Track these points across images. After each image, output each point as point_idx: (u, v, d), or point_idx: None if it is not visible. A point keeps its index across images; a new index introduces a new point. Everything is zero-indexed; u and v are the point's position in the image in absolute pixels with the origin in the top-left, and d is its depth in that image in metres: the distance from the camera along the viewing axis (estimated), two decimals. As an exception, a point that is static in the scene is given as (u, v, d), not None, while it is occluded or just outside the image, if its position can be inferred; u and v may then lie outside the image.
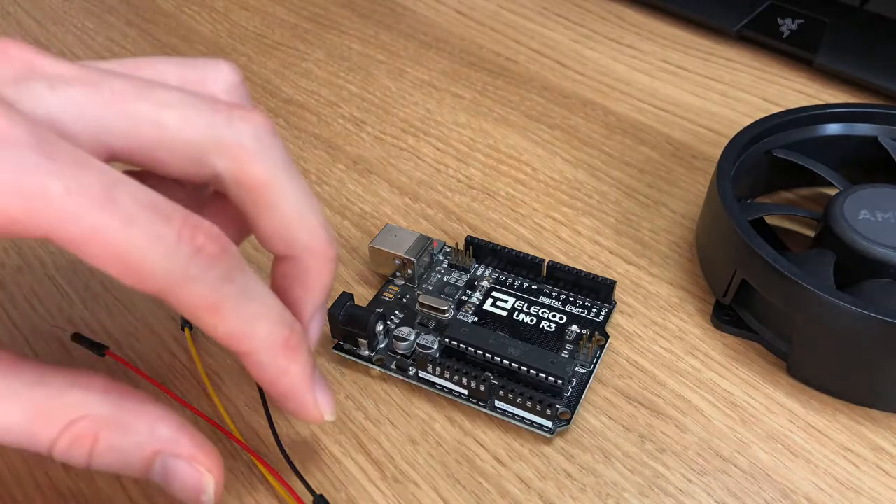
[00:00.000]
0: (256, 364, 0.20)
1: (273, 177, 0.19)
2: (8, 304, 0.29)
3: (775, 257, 0.25)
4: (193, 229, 0.18)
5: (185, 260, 0.17)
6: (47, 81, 0.18)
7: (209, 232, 0.18)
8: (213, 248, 0.18)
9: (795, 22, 0.42)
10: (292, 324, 0.20)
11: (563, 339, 0.27)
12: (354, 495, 0.23)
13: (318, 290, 0.21)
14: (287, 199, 0.20)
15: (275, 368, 0.20)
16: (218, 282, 0.18)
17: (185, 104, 0.19)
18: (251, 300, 0.19)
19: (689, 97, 0.40)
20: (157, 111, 0.18)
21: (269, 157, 0.19)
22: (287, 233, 0.20)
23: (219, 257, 0.18)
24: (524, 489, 0.23)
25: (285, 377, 0.20)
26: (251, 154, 0.19)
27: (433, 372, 0.25)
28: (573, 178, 0.35)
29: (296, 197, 0.20)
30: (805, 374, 0.26)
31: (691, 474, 0.24)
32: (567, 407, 0.25)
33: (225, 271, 0.18)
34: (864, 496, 0.23)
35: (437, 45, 0.45)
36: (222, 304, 0.18)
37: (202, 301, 0.18)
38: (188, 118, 0.19)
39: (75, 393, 0.19)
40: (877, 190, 0.28)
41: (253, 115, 0.19)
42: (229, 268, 0.18)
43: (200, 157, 0.19)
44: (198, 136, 0.19)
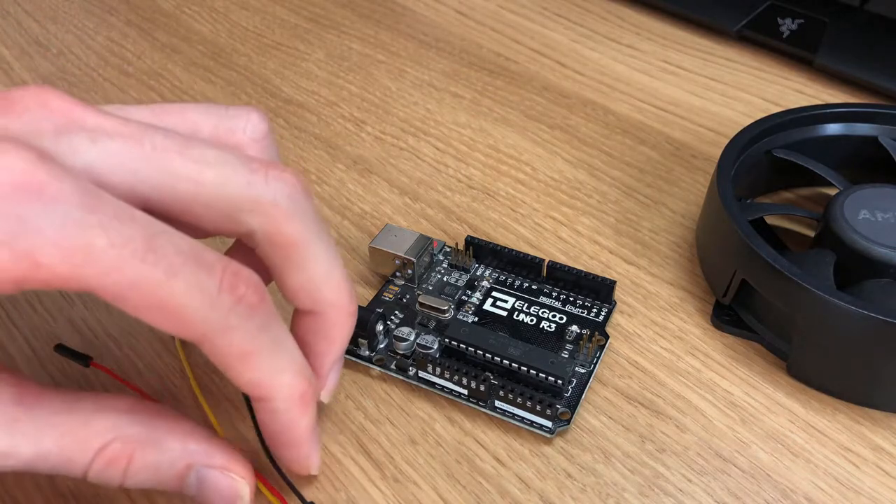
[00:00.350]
0: (270, 412, 0.20)
1: (305, 237, 0.20)
2: (8, 304, 0.29)
3: (775, 257, 0.25)
4: (234, 277, 0.18)
5: (226, 309, 0.18)
6: (88, 134, 0.18)
7: (249, 280, 0.18)
8: (253, 297, 0.18)
9: (795, 22, 0.42)
10: (311, 377, 0.21)
11: (563, 339, 0.27)
12: (354, 495, 0.23)
13: (338, 343, 0.22)
14: (316, 258, 0.20)
15: (287, 418, 0.20)
16: (255, 331, 0.18)
17: (222, 162, 0.19)
18: (281, 351, 0.19)
19: (689, 97, 0.40)
20: (197, 168, 0.19)
21: (303, 218, 0.20)
22: (314, 290, 0.21)
23: (258, 307, 0.18)
24: (524, 489, 0.23)
25: (294, 429, 0.20)
26: (286, 214, 0.19)
27: (433, 372, 0.25)
28: (573, 178, 0.35)
29: (323, 256, 0.20)
30: (805, 374, 0.26)
31: (691, 474, 0.24)
32: (567, 407, 0.25)
33: (262, 321, 0.19)
34: (864, 496, 0.23)
35: (437, 45, 0.45)
36: (255, 354, 0.19)
37: (237, 349, 0.18)
38: (226, 176, 0.19)
39: (104, 417, 0.19)
40: (877, 190, 0.28)
41: (287, 175, 0.20)
42: (266, 318, 0.19)
43: (235, 215, 0.19)
44: (235, 195, 0.19)
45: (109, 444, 0.19)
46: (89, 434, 0.19)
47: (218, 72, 0.43)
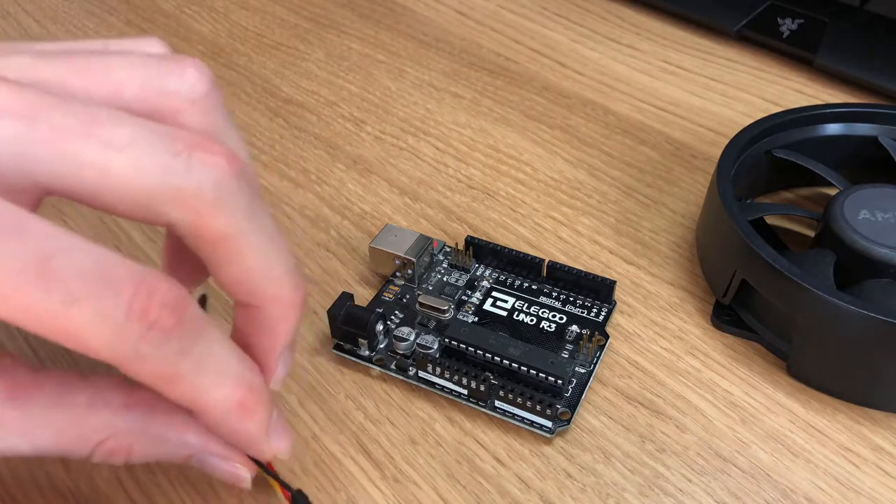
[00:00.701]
0: (207, 423, 0.19)
1: (235, 229, 0.17)
2: (8, 304, 0.29)
3: (775, 257, 0.25)
4: (147, 299, 0.15)
5: (134, 339, 0.15)
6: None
7: (164, 300, 0.16)
8: (168, 320, 0.16)
9: (795, 22, 0.42)
10: (251, 383, 0.19)
11: (563, 339, 0.27)
12: (354, 495, 0.23)
13: (282, 337, 0.20)
14: (250, 251, 0.18)
15: (227, 428, 0.19)
16: (172, 357, 0.16)
17: (136, 145, 0.16)
18: (207, 369, 0.17)
19: (689, 97, 0.40)
20: (103, 154, 0.16)
21: (231, 208, 0.17)
22: (250, 284, 0.19)
23: (173, 331, 0.16)
24: (524, 489, 0.23)
25: (238, 435, 0.19)
26: (211, 205, 0.17)
27: (433, 372, 0.25)
28: (573, 178, 0.35)
29: (260, 248, 0.18)
30: (805, 374, 0.26)
31: (691, 474, 0.24)
32: (567, 407, 0.25)
33: (181, 345, 0.16)
34: (864, 496, 0.23)
35: (437, 45, 0.45)
36: (176, 377, 0.17)
37: (154, 377, 0.17)
38: (139, 163, 0.16)
39: (98, 414, 0.18)
40: (877, 190, 0.28)
41: (216, 157, 0.17)
42: (186, 339, 0.16)
43: (152, 206, 0.16)
44: (150, 184, 0.16)
45: (106, 440, 0.18)
46: (85, 430, 0.18)
47: (218, 72, 0.43)
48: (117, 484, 0.23)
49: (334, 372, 0.27)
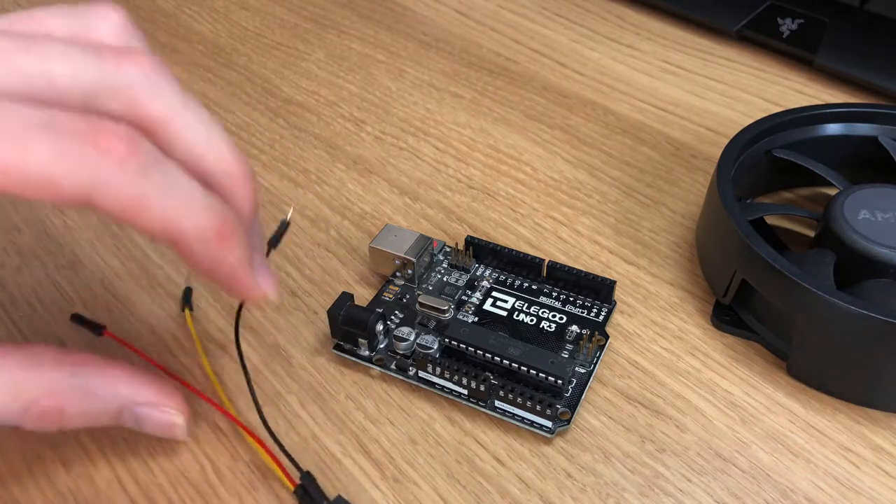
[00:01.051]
0: (190, 254, 0.19)
1: (171, 111, 0.19)
2: (8, 304, 0.29)
3: (775, 257, 0.25)
4: (97, 134, 0.17)
5: (92, 166, 0.17)
6: None
7: (115, 132, 0.18)
8: (121, 148, 0.18)
9: (795, 22, 0.42)
10: (224, 213, 0.20)
11: (563, 339, 0.27)
12: (354, 495, 0.23)
13: (246, 210, 0.21)
14: (189, 129, 0.20)
15: (209, 257, 0.19)
16: (133, 180, 0.18)
17: (69, 55, 0.18)
18: (174, 192, 0.19)
19: (689, 97, 0.40)
20: (42, 64, 0.18)
21: (161, 94, 0.19)
22: (197, 162, 0.20)
23: (129, 157, 0.18)
24: (524, 489, 0.23)
25: (222, 266, 0.20)
26: (142, 94, 0.19)
27: (433, 372, 0.25)
28: (573, 178, 0.35)
29: (197, 126, 0.20)
30: (805, 374, 0.26)
31: (691, 474, 0.24)
32: (567, 407, 0.25)
33: (140, 167, 0.18)
34: (864, 496, 0.23)
35: (437, 45, 0.45)
36: (143, 201, 0.18)
37: (121, 202, 0.18)
38: (74, 68, 0.18)
39: (31, 372, 0.20)
40: (877, 190, 0.28)
41: (139, 57, 0.19)
42: (143, 164, 0.18)
43: (95, 104, 0.19)
44: (87, 84, 0.19)
45: (39, 400, 0.20)
46: (18, 390, 0.19)
47: (218, 72, 0.43)
48: (117, 484, 0.23)
49: (334, 372, 0.27)
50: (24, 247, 0.32)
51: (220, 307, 0.29)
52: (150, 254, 0.31)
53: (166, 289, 0.30)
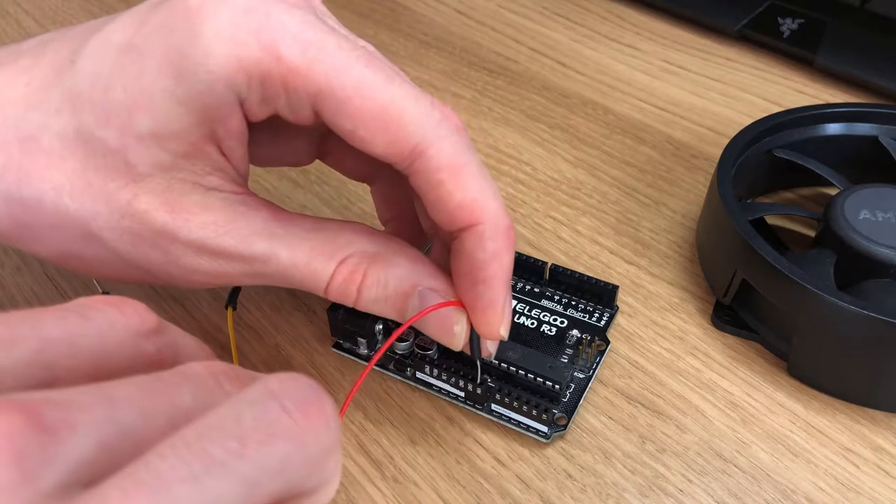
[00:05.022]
0: (478, 237, 0.20)
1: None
2: (8, 305, 0.29)
3: (776, 257, 0.25)
4: (440, 102, 0.20)
5: (437, 120, 0.20)
6: None
7: (451, 110, 0.21)
8: (457, 120, 0.21)
9: (796, 21, 0.42)
10: (509, 221, 0.21)
11: (563, 343, 0.27)
12: (354, 495, 0.23)
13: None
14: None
15: (493, 249, 0.21)
16: (463, 146, 0.20)
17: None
18: (485, 176, 0.21)
19: (689, 97, 0.40)
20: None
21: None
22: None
23: (463, 129, 0.21)
24: (524, 489, 0.23)
25: (497, 261, 0.21)
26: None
27: (430, 373, 0.25)
28: (573, 177, 0.35)
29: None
30: (805, 374, 0.26)
31: (692, 474, 0.24)
32: (564, 412, 0.25)
33: (468, 142, 0.21)
34: (864, 496, 0.23)
35: (437, 45, 0.45)
36: (466, 168, 0.20)
37: (449, 160, 0.20)
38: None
39: (345, 234, 0.22)
40: (877, 190, 0.28)
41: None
42: (469, 141, 0.21)
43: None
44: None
45: (349, 258, 0.21)
46: (333, 248, 0.21)
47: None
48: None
49: (334, 372, 0.27)
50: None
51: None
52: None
53: (166, 289, 0.30)
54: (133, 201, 0.21)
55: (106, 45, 0.20)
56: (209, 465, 0.12)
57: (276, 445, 0.13)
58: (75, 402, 0.13)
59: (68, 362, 0.14)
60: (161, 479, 0.12)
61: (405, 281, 0.21)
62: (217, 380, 0.15)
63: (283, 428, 0.14)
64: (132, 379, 0.14)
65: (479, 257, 0.21)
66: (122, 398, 0.13)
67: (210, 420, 0.13)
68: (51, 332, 0.14)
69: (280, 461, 0.13)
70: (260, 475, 0.13)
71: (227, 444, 0.13)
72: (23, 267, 0.31)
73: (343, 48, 0.19)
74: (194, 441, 0.13)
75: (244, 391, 0.14)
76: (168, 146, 0.20)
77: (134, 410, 0.13)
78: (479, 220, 0.20)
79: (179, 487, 0.12)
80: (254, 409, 0.14)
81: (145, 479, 0.12)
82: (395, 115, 0.19)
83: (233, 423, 0.13)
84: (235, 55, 0.19)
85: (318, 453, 0.14)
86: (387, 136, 0.19)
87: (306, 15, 0.19)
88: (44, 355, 0.14)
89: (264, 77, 0.19)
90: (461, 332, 0.22)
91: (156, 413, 0.14)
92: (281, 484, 0.14)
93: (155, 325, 0.16)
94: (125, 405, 0.13)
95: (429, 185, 0.20)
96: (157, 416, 0.13)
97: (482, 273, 0.21)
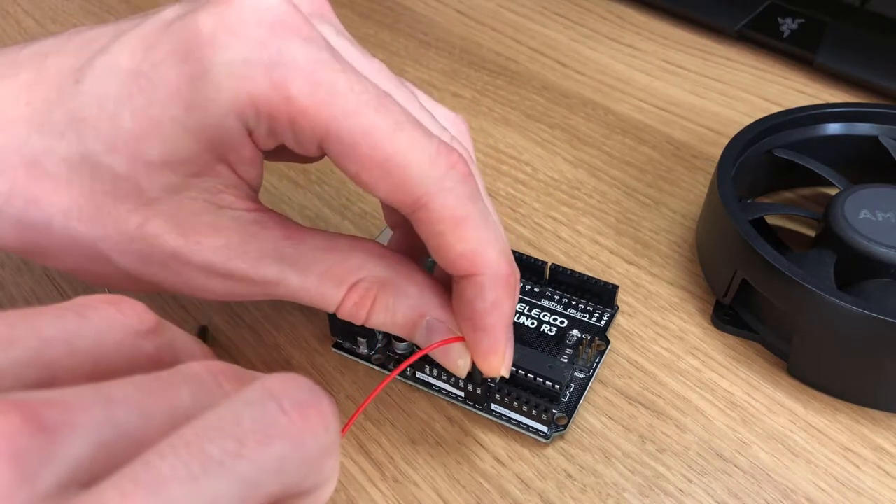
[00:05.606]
0: (478, 287, 0.20)
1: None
2: (8, 305, 0.29)
3: (776, 257, 0.25)
4: (448, 147, 0.20)
5: (442, 170, 0.19)
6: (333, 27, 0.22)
7: (459, 153, 0.20)
8: (463, 168, 0.20)
9: (796, 21, 0.42)
10: (515, 266, 0.21)
11: (563, 343, 0.27)
12: (354, 495, 0.23)
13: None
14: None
15: (493, 297, 0.21)
16: (467, 197, 0.20)
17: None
18: (489, 224, 0.20)
19: (689, 97, 0.40)
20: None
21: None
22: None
23: (469, 177, 0.20)
24: (524, 489, 0.23)
25: (497, 310, 0.21)
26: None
27: (431, 373, 0.25)
28: (573, 177, 0.35)
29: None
30: (805, 374, 0.26)
31: (692, 474, 0.24)
32: (564, 412, 0.25)
33: (473, 191, 0.20)
34: (864, 496, 0.23)
35: (437, 45, 0.45)
36: (468, 220, 0.20)
37: (451, 213, 0.20)
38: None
39: (357, 256, 0.21)
40: (877, 190, 0.28)
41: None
42: (475, 189, 0.20)
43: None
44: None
45: (359, 283, 0.21)
46: (344, 271, 0.21)
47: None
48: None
49: (334, 373, 0.27)
50: (23, 247, 0.31)
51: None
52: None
53: (166, 289, 0.30)
54: (144, 225, 0.20)
55: (113, 68, 0.20)
56: (207, 465, 0.12)
57: (275, 446, 0.13)
58: (74, 402, 0.13)
59: (67, 362, 0.14)
60: (159, 479, 0.12)
61: (414, 310, 0.22)
62: (216, 379, 0.15)
63: (282, 428, 0.14)
64: (131, 379, 0.14)
65: (480, 307, 0.21)
66: (120, 398, 0.13)
67: (208, 420, 0.13)
68: (49, 331, 0.14)
69: (278, 461, 0.13)
70: (258, 475, 0.13)
71: (225, 445, 0.13)
72: (23, 267, 0.31)
73: (354, 91, 0.19)
74: (193, 441, 0.13)
75: (243, 391, 0.14)
76: (178, 171, 0.20)
77: (132, 410, 0.13)
78: (479, 271, 0.20)
79: (177, 488, 0.12)
80: (252, 409, 0.14)
81: (143, 479, 0.12)
82: (400, 166, 0.19)
83: (231, 423, 0.13)
84: (246, 90, 0.18)
85: (316, 454, 0.14)
86: (390, 185, 0.19)
87: (320, 52, 0.19)
88: (42, 355, 0.14)
89: (273, 114, 0.19)
90: (465, 365, 0.22)
91: (154, 413, 0.14)
92: (279, 484, 0.14)
93: (153, 324, 0.16)
94: (124, 405, 0.13)
95: (430, 234, 0.20)
96: (156, 415, 0.13)
97: (482, 322, 0.21)
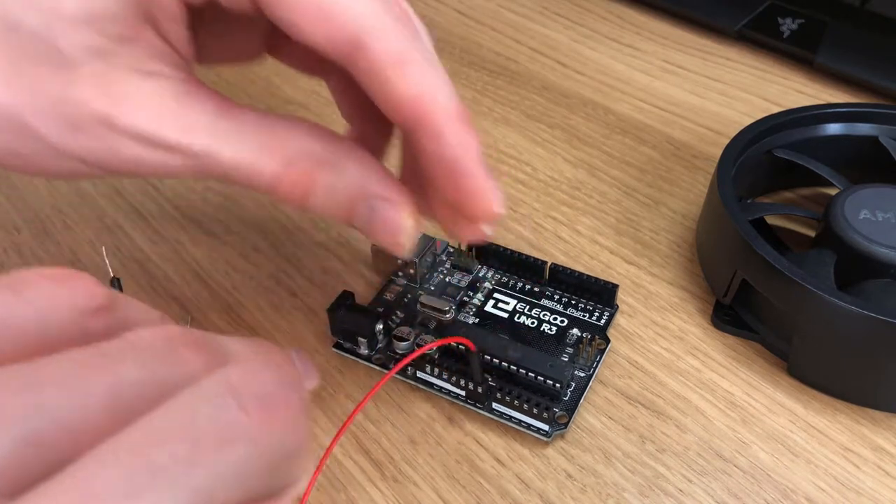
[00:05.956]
0: (436, 133, 0.19)
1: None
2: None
3: (776, 257, 0.25)
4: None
5: (379, 8, 0.18)
6: None
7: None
8: (404, 5, 0.19)
9: (795, 21, 0.42)
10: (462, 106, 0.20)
11: (563, 342, 0.27)
12: (354, 495, 0.23)
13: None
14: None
15: (457, 139, 0.19)
16: (408, 37, 0.19)
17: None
18: (434, 65, 0.19)
19: (689, 97, 0.40)
20: None
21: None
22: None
23: (408, 17, 0.19)
24: (524, 489, 0.23)
25: (466, 149, 0.19)
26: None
27: (431, 373, 0.25)
28: (573, 177, 0.35)
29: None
30: (805, 374, 0.26)
31: (692, 474, 0.24)
32: (565, 411, 0.25)
33: (414, 31, 0.19)
34: (864, 496, 0.23)
35: (436, 45, 0.45)
36: (412, 61, 0.18)
37: (392, 55, 0.18)
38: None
39: (295, 134, 0.20)
40: (877, 190, 0.28)
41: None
42: (416, 29, 0.19)
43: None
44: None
45: (296, 161, 0.20)
46: (281, 147, 0.20)
47: (219, 72, 0.43)
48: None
49: (334, 373, 0.27)
50: (24, 247, 0.32)
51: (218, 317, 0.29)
52: (151, 254, 0.31)
53: (166, 288, 0.30)
54: (68, 88, 0.19)
55: None
56: (154, 476, 0.11)
57: (233, 450, 0.12)
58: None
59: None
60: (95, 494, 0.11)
61: (353, 187, 0.20)
62: (171, 345, 0.13)
63: (241, 430, 0.12)
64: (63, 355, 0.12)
65: (448, 153, 0.19)
66: (50, 379, 0.11)
67: (157, 420, 0.12)
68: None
69: (237, 467, 0.12)
70: (213, 484, 0.12)
71: (175, 450, 0.11)
72: (23, 267, 0.31)
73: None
74: (138, 445, 0.11)
75: (200, 384, 0.12)
76: (100, 29, 0.19)
77: (65, 393, 0.11)
78: (432, 111, 0.19)
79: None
80: (209, 406, 0.12)
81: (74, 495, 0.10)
82: (335, 2, 0.18)
83: (183, 423, 0.12)
84: None
85: (281, 457, 0.13)
86: (324, 25, 0.18)
87: None
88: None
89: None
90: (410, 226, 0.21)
91: (94, 394, 0.12)
92: (238, 492, 0.12)
93: (104, 300, 0.14)
94: (54, 388, 0.11)
95: (374, 80, 0.19)
96: (96, 397, 0.12)
97: (457, 166, 0.19)
